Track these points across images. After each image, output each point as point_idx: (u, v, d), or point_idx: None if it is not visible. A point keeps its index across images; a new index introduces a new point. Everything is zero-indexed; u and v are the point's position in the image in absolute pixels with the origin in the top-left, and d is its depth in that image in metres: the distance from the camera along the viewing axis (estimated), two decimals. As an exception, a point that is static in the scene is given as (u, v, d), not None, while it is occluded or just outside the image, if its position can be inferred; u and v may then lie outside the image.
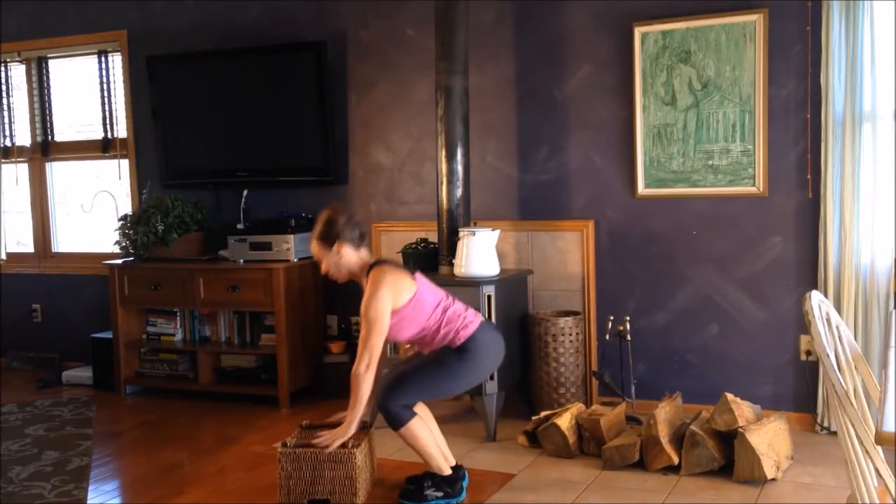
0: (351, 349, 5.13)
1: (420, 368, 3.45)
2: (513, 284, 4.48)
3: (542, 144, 4.69)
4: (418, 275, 3.50)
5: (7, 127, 6.22)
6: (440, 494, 3.44)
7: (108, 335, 5.45)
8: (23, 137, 6.20)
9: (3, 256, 6.39)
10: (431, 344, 3.46)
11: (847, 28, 3.93)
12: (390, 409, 3.36)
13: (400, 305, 3.36)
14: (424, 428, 3.44)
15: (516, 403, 4.55)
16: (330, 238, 3.43)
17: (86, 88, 5.98)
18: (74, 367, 5.81)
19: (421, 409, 3.50)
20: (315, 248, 3.48)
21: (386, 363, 4.42)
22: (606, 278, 4.59)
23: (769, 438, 3.55)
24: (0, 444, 4.33)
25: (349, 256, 3.44)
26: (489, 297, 4.20)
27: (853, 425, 1.93)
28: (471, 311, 3.52)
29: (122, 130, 5.84)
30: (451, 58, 4.38)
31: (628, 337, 4.38)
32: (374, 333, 3.31)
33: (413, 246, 4.63)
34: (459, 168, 4.44)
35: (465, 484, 3.53)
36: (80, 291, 5.98)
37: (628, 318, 4.42)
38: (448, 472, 3.48)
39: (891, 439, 1.71)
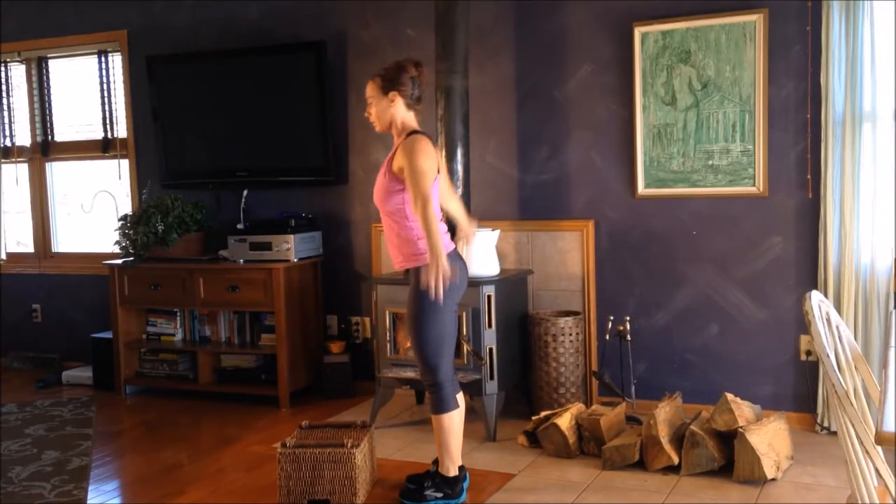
0: (351, 349, 5.13)
1: (414, 329, 3.37)
2: (513, 284, 4.48)
3: (542, 144, 4.69)
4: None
5: (7, 127, 6.22)
6: (440, 495, 3.43)
7: (108, 335, 5.45)
8: (23, 137, 6.20)
9: (3, 256, 6.39)
10: (410, 242, 3.34)
11: (847, 28, 3.93)
12: (443, 387, 3.35)
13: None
14: (460, 425, 3.45)
15: (516, 403, 4.55)
16: (390, 83, 3.37)
17: (86, 88, 5.98)
18: (74, 367, 5.81)
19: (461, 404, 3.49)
20: (371, 88, 3.40)
21: (386, 363, 4.43)
22: (606, 278, 4.59)
23: (769, 438, 3.55)
24: (0, 444, 4.33)
25: (399, 109, 3.37)
26: (489, 297, 4.20)
27: (853, 425, 1.93)
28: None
29: (122, 130, 5.84)
30: (451, 58, 4.38)
31: (628, 337, 4.38)
32: (424, 181, 3.21)
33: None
34: (459, 168, 4.44)
35: (465, 485, 3.53)
36: (80, 291, 5.98)
37: (628, 318, 4.42)
38: (454, 473, 3.47)
39: (891, 439, 1.71)
